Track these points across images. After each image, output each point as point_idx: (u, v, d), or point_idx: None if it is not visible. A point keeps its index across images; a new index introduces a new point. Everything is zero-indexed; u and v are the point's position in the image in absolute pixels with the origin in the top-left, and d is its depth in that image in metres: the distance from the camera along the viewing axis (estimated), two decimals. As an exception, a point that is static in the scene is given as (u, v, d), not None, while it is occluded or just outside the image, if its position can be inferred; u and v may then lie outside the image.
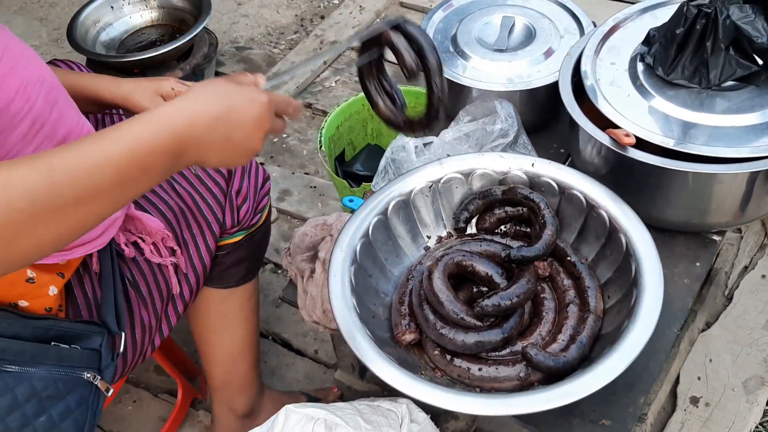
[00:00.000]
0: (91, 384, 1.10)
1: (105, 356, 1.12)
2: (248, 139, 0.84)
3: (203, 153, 0.81)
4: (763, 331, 1.76)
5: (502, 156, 1.32)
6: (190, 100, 0.80)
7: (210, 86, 0.83)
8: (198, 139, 0.80)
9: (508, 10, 1.64)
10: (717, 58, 1.27)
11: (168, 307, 1.31)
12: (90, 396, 1.10)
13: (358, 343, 1.09)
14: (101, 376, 1.10)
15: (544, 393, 1.02)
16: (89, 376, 1.09)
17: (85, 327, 1.10)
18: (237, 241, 1.40)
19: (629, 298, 1.13)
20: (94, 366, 1.10)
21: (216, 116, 0.80)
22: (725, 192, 1.25)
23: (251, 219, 1.40)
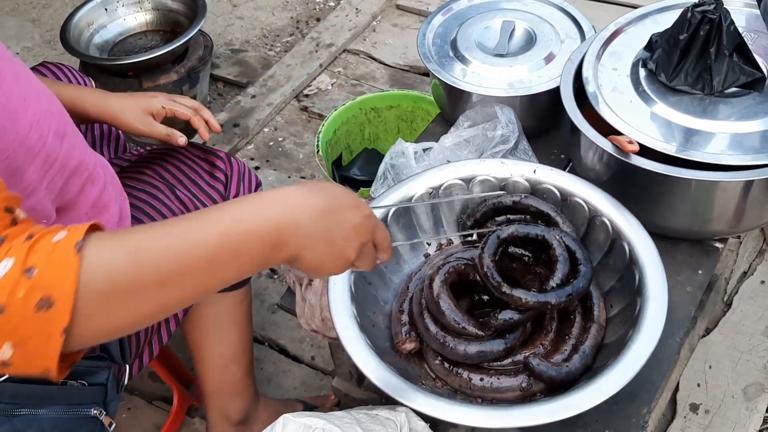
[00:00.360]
0: (97, 419, 1.08)
1: (111, 390, 1.10)
2: (346, 242, 0.78)
3: (303, 246, 0.74)
4: (762, 337, 1.76)
5: (504, 162, 1.31)
6: (299, 188, 0.76)
7: (317, 183, 0.80)
8: (303, 228, 0.74)
9: (508, 14, 1.62)
10: (720, 64, 1.25)
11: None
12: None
13: (358, 352, 1.07)
14: (106, 410, 1.09)
15: (548, 405, 1.01)
16: (96, 412, 1.07)
17: (91, 363, 1.09)
18: None
19: (633, 307, 1.12)
20: (100, 401, 1.09)
21: (323, 209, 0.76)
22: (728, 199, 1.24)
23: None
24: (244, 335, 1.50)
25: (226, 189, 1.37)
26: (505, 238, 1.17)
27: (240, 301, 1.47)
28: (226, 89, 2.72)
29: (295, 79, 2.59)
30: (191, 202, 1.32)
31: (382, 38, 2.78)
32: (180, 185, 1.33)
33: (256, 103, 2.52)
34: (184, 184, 1.34)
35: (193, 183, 1.35)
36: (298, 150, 2.40)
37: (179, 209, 1.30)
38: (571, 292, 1.10)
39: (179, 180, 1.34)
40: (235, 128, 2.44)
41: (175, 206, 1.30)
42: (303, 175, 2.31)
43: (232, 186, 1.38)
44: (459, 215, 1.33)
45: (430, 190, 1.31)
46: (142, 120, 1.28)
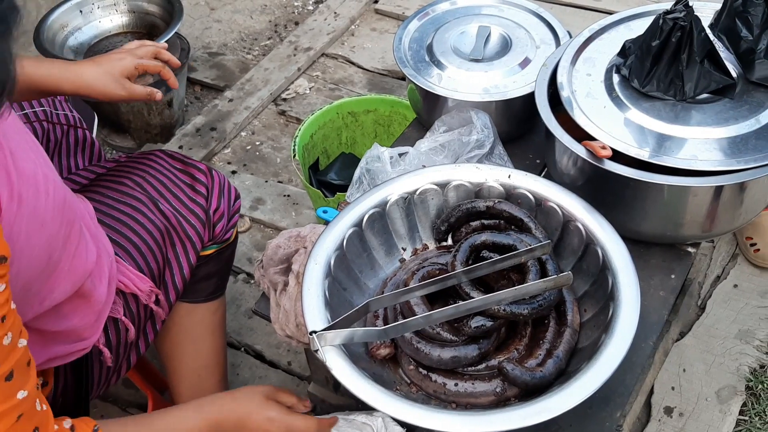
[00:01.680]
0: None
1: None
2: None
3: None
4: (735, 340, 1.78)
5: (478, 167, 1.31)
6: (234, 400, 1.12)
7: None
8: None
9: (484, 19, 1.63)
10: (692, 70, 1.27)
11: (147, 323, 1.30)
12: None
13: (331, 358, 1.07)
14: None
15: (522, 410, 1.01)
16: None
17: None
18: (209, 254, 1.40)
19: (606, 312, 1.12)
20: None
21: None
22: (700, 204, 1.26)
23: (224, 234, 1.41)
24: (218, 345, 1.49)
25: (207, 201, 1.36)
26: (477, 245, 1.18)
27: (214, 312, 1.46)
28: (203, 93, 2.70)
29: (273, 83, 2.58)
30: (174, 216, 1.31)
31: (361, 42, 2.78)
32: (162, 199, 1.32)
33: (234, 107, 2.51)
34: (166, 197, 1.32)
35: (174, 197, 1.33)
36: (275, 154, 2.39)
37: (162, 223, 1.29)
38: (542, 303, 1.11)
39: (161, 193, 1.33)
40: (212, 132, 2.43)
41: (158, 220, 1.29)
42: (280, 179, 2.30)
43: (213, 198, 1.37)
44: (434, 220, 1.33)
45: (405, 194, 1.31)
46: (119, 84, 1.27)
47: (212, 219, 1.36)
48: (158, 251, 1.27)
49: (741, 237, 1.94)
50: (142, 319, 1.27)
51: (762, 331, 1.78)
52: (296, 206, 2.18)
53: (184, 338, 1.44)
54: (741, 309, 1.83)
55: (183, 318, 1.41)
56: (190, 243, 1.32)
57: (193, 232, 1.32)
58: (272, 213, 2.17)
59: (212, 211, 1.36)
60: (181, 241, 1.31)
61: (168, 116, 2.43)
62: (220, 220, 1.37)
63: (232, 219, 1.42)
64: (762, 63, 1.28)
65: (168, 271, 1.31)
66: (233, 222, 1.43)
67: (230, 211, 1.41)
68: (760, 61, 1.28)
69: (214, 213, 1.36)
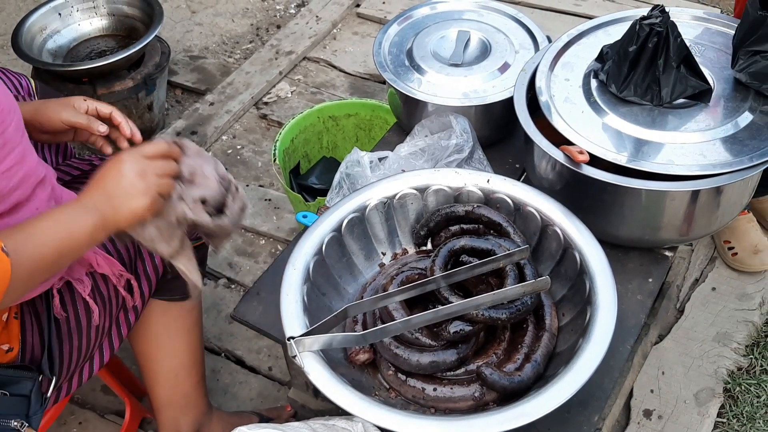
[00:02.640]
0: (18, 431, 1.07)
1: (34, 403, 1.09)
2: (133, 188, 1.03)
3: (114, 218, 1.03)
4: (713, 343, 1.79)
5: (458, 172, 1.31)
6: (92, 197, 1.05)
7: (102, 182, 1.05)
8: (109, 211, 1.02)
9: (463, 24, 1.63)
10: (668, 76, 1.28)
11: (120, 314, 1.30)
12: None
13: (309, 364, 1.06)
14: (29, 423, 1.07)
15: (500, 414, 1.01)
16: (16, 424, 1.06)
17: (15, 372, 1.08)
18: None
19: (583, 316, 1.13)
20: (22, 413, 1.07)
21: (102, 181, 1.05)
22: (677, 209, 1.27)
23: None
24: (194, 345, 1.48)
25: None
26: (455, 250, 1.18)
27: (189, 311, 1.45)
28: (184, 96, 2.68)
29: (255, 87, 2.57)
30: None
31: (343, 46, 2.78)
32: None
33: (215, 111, 2.50)
34: None
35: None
36: (256, 158, 2.38)
37: None
38: (520, 308, 1.11)
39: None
40: (192, 136, 2.41)
41: None
42: (261, 183, 2.29)
43: None
44: (413, 225, 1.33)
45: (384, 199, 1.31)
46: (63, 109, 1.25)
47: None
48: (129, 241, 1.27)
49: (719, 241, 1.95)
50: (113, 307, 1.27)
51: (739, 334, 1.80)
52: (277, 210, 2.17)
53: (161, 337, 1.43)
54: (719, 312, 1.85)
55: (159, 316, 1.41)
56: None
57: None
58: (253, 217, 2.16)
59: None
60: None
61: (148, 120, 2.41)
62: None
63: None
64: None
65: (140, 262, 1.31)
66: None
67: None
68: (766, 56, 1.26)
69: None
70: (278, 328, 1.16)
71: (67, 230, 0.99)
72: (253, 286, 1.38)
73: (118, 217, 1.02)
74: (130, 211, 1.02)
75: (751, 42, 1.27)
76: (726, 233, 1.93)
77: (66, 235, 0.98)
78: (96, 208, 1.01)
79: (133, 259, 1.31)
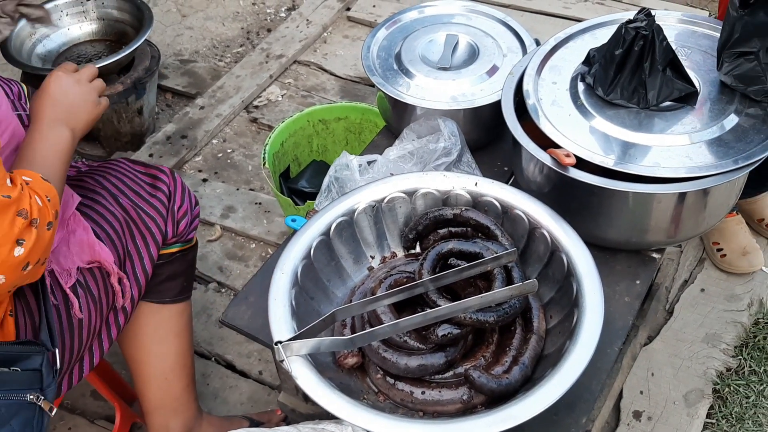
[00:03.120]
0: (35, 405, 1.09)
1: (46, 376, 1.11)
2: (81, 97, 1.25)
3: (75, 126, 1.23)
4: (702, 344, 1.80)
5: (446, 175, 1.32)
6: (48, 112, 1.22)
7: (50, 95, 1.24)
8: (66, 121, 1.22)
9: (452, 28, 1.64)
10: (654, 79, 1.29)
11: (110, 315, 1.31)
12: (34, 418, 1.09)
13: (297, 368, 1.06)
14: (44, 396, 1.09)
15: (488, 417, 1.01)
16: (32, 398, 1.08)
17: (24, 348, 1.10)
18: (173, 252, 1.43)
19: (571, 319, 1.13)
20: (36, 387, 1.09)
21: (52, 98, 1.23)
22: (664, 211, 1.27)
23: (188, 233, 1.45)
24: (184, 348, 1.49)
25: (170, 200, 1.40)
26: (443, 253, 1.18)
27: (180, 313, 1.46)
28: (174, 100, 2.68)
29: (245, 90, 2.57)
30: (133, 209, 1.35)
31: (333, 49, 2.78)
32: (121, 194, 1.36)
33: (205, 114, 2.50)
34: (126, 193, 1.37)
35: (134, 193, 1.38)
36: (247, 162, 2.38)
37: (121, 215, 1.33)
38: (508, 311, 1.11)
39: (120, 189, 1.37)
40: (183, 140, 2.41)
41: (118, 212, 1.33)
42: (252, 187, 2.29)
43: (177, 196, 1.42)
44: (402, 228, 1.33)
45: (373, 203, 1.31)
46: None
47: (176, 215, 1.40)
48: (118, 241, 1.30)
49: (708, 242, 1.96)
50: (104, 307, 1.27)
51: (728, 335, 1.81)
52: (268, 214, 2.17)
53: (151, 339, 1.44)
54: (708, 313, 1.86)
55: (149, 318, 1.42)
56: (151, 236, 1.35)
57: (153, 225, 1.35)
58: (243, 221, 2.16)
59: (176, 208, 1.40)
60: (141, 233, 1.34)
61: (138, 124, 2.41)
62: (184, 217, 1.42)
63: (194, 222, 1.46)
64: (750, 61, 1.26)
65: (129, 263, 1.32)
66: (195, 225, 1.47)
67: (192, 213, 1.45)
68: (749, 59, 1.26)
69: (179, 209, 1.41)
70: (267, 333, 1.16)
71: (57, 145, 1.17)
72: (241, 291, 1.38)
73: (80, 123, 1.23)
74: (86, 114, 1.24)
75: (733, 43, 1.28)
76: (715, 235, 1.94)
77: (60, 150, 1.17)
78: (60, 120, 1.20)
79: (122, 260, 1.31)
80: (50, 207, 1.06)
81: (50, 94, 1.22)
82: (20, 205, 1.00)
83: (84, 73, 1.29)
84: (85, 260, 1.24)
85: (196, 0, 3.09)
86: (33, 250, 1.01)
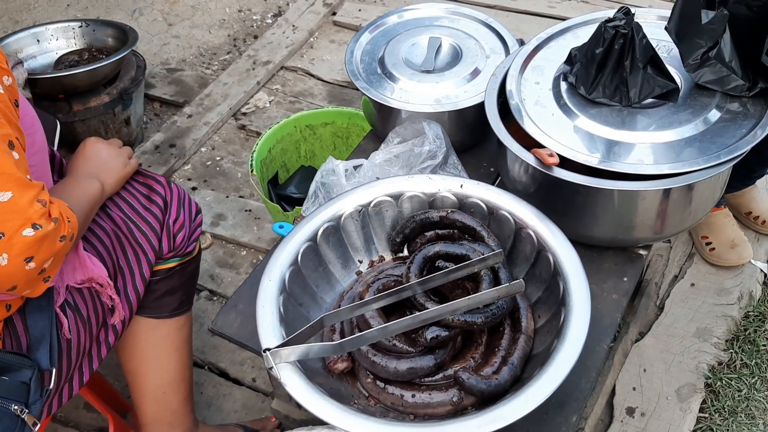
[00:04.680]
0: (18, 417, 1.08)
1: (34, 391, 1.10)
2: (112, 161, 1.35)
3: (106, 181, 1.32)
4: (693, 339, 1.80)
5: (431, 178, 1.32)
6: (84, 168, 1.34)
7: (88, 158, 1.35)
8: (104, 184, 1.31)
9: (435, 30, 1.65)
10: (636, 76, 1.29)
11: (101, 332, 1.29)
12: (15, 429, 1.08)
13: (286, 375, 1.06)
14: (28, 410, 1.09)
15: (478, 418, 1.02)
16: (16, 409, 1.08)
17: (15, 359, 1.10)
18: (171, 267, 1.40)
19: (558, 318, 1.13)
20: (22, 399, 1.09)
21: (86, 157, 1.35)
22: (648, 208, 1.28)
23: (186, 247, 1.41)
24: (183, 362, 1.48)
25: (165, 213, 1.37)
26: (430, 256, 1.19)
27: (179, 328, 1.45)
28: (162, 109, 2.68)
29: (233, 98, 2.57)
30: (124, 223, 1.32)
31: (320, 54, 2.79)
32: (113, 205, 1.34)
33: (193, 123, 2.50)
34: (118, 204, 1.34)
35: (127, 204, 1.35)
36: (236, 169, 2.38)
37: (112, 229, 1.30)
38: (496, 312, 1.12)
39: (114, 201, 1.35)
40: (171, 149, 2.41)
41: (108, 225, 1.30)
42: (241, 194, 2.29)
43: (173, 209, 1.38)
44: (389, 232, 1.33)
45: (359, 207, 1.31)
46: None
47: (172, 229, 1.37)
48: (108, 257, 1.28)
49: (696, 237, 1.97)
50: (93, 327, 1.26)
51: (719, 329, 1.82)
52: (258, 221, 2.17)
53: (150, 354, 1.42)
54: (698, 307, 1.86)
55: (148, 334, 1.40)
56: (142, 252, 1.33)
57: (144, 240, 1.33)
58: (234, 228, 2.16)
59: (172, 222, 1.37)
60: (132, 249, 1.32)
61: (126, 134, 2.40)
62: (180, 230, 1.38)
63: (194, 233, 1.43)
64: (712, 66, 1.29)
65: (120, 279, 1.30)
66: (195, 236, 1.44)
67: (192, 225, 1.42)
68: (710, 64, 1.29)
69: (174, 223, 1.38)
70: (257, 341, 1.16)
71: (88, 193, 1.25)
72: (230, 299, 1.38)
73: (109, 179, 1.32)
74: (115, 173, 1.34)
75: (690, 34, 1.29)
76: (703, 229, 1.95)
77: (89, 197, 1.24)
78: (92, 174, 1.30)
79: (114, 278, 1.30)
80: (68, 227, 1.07)
81: (85, 154, 1.34)
82: (41, 195, 1.02)
83: (114, 141, 1.40)
84: (78, 279, 1.23)
85: (181, 8, 3.09)
86: (42, 246, 1.01)
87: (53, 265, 1.06)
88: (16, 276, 1.01)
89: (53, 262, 1.06)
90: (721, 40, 1.27)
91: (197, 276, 1.51)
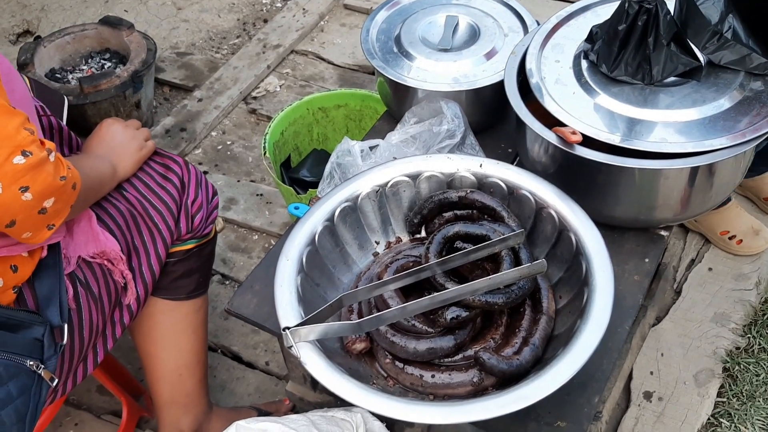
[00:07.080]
0: (34, 373, 1.08)
1: (48, 347, 1.10)
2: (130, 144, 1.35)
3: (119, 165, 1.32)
4: (711, 323, 1.78)
5: (450, 158, 1.30)
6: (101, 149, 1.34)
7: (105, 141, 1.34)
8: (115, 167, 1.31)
9: (452, 9, 1.62)
10: (659, 54, 1.27)
11: (115, 312, 1.29)
12: (33, 385, 1.08)
13: (306, 354, 1.05)
14: (44, 366, 1.08)
15: (500, 398, 1.00)
16: (32, 364, 1.07)
17: (26, 316, 1.09)
18: (188, 249, 1.39)
19: (581, 298, 1.12)
20: (36, 355, 1.08)
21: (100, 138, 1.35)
22: (671, 187, 1.26)
23: (204, 228, 1.41)
24: (199, 344, 1.47)
25: (182, 194, 1.37)
26: (450, 236, 1.17)
27: (196, 310, 1.44)
28: (172, 93, 2.66)
29: (243, 82, 2.55)
30: (139, 202, 1.31)
31: (330, 38, 2.76)
32: (129, 186, 1.33)
33: (203, 107, 2.48)
34: (133, 183, 1.34)
35: (143, 183, 1.34)
36: (247, 153, 2.36)
37: (126, 208, 1.29)
38: (517, 292, 1.10)
39: (129, 182, 1.34)
40: (182, 133, 2.39)
41: (122, 205, 1.30)
42: (253, 178, 2.27)
43: (191, 190, 1.38)
44: (406, 213, 1.32)
45: (376, 187, 1.29)
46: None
47: (190, 210, 1.37)
48: (121, 236, 1.27)
49: (714, 235, 1.91)
50: (106, 306, 1.25)
51: (737, 314, 1.80)
52: (269, 205, 2.15)
53: (167, 336, 1.42)
54: (716, 292, 1.84)
55: (165, 315, 1.40)
56: (158, 231, 1.32)
57: (160, 220, 1.32)
58: (245, 213, 2.14)
59: (190, 202, 1.37)
60: (148, 228, 1.31)
61: (137, 117, 2.39)
62: (199, 211, 1.38)
63: (212, 215, 1.43)
64: (731, 47, 1.27)
65: (135, 258, 1.29)
66: (213, 217, 1.43)
67: (209, 206, 1.41)
68: (729, 45, 1.27)
69: (192, 203, 1.37)
70: (273, 321, 1.15)
71: (98, 170, 1.23)
72: (246, 280, 1.36)
73: (123, 161, 1.31)
74: (130, 156, 1.32)
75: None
76: (720, 224, 1.89)
77: (98, 173, 1.23)
78: (106, 156, 1.29)
79: (128, 256, 1.28)
80: (70, 171, 1.04)
81: (100, 135, 1.33)
82: (27, 124, 0.98)
83: (132, 122, 1.39)
84: (90, 252, 1.22)
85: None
86: (37, 175, 0.98)
87: (55, 209, 1.02)
88: (12, 207, 0.97)
89: (55, 203, 1.02)
90: (732, 20, 1.24)
91: (213, 259, 1.50)
